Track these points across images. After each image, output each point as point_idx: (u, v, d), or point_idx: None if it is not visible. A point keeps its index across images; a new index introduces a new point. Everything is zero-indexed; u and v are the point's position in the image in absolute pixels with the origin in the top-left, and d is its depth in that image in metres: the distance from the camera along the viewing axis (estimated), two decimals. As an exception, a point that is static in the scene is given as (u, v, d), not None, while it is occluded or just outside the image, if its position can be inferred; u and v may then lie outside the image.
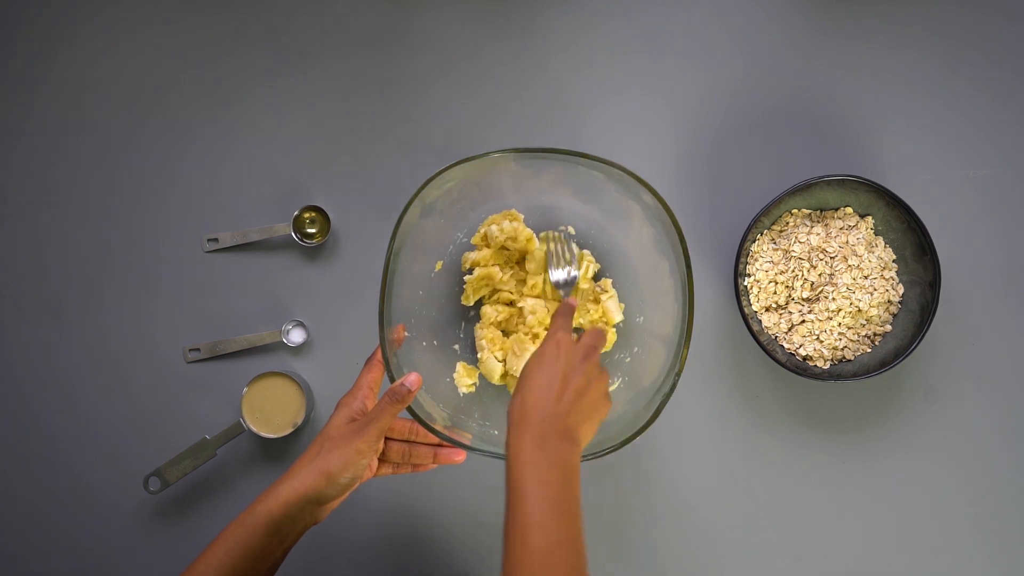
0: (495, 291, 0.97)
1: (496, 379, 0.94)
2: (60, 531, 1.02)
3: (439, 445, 0.87)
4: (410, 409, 0.82)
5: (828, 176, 0.94)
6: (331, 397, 1.01)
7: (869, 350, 0.96)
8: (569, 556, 0.65)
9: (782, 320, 0.97)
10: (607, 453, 0.85)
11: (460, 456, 0.87)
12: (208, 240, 1.03)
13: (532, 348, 0.94)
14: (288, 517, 0.76)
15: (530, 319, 0.94)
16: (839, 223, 0.97)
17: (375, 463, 0.84)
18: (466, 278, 0.95)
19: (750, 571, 0.99)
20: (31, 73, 1.05)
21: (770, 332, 0.97)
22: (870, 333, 0.96)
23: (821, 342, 0.96)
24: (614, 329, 0.96)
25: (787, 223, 0.98)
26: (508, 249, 0.96)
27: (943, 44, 1.01)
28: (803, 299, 0.96)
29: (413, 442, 0.87)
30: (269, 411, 0.98)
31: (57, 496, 1.02)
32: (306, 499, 0.77)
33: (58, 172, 1.04)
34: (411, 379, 0.81)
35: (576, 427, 0.72)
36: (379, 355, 0.84)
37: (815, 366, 0.96)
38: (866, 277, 0.95)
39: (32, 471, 1.02)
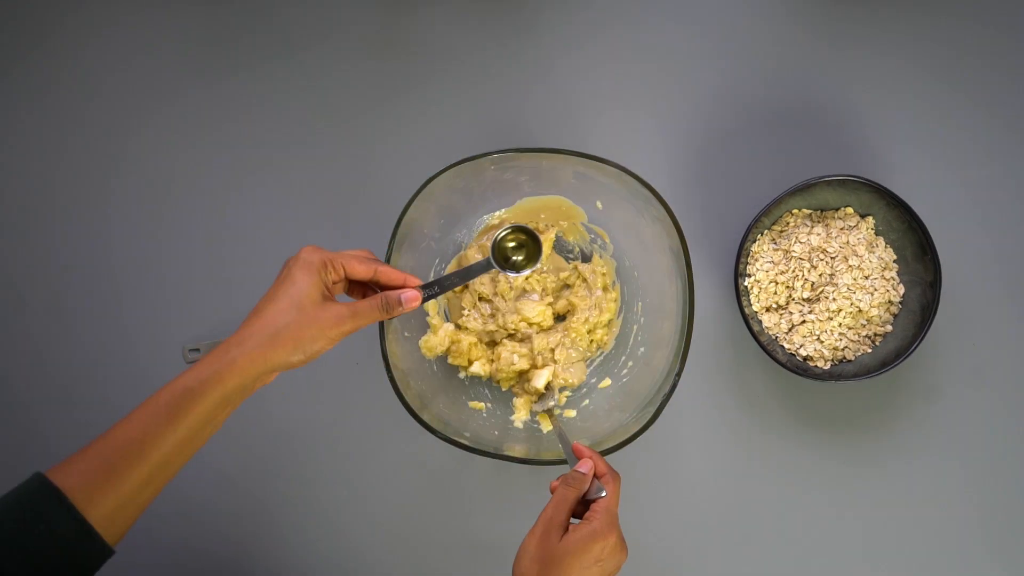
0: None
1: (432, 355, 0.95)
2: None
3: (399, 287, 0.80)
4: (398, 395, 0.82)
5: (828, 176, 0.94)
6: (331, 399, 1.01)
7: (870, 350, 0.96)
8: None
9: (782, 320, 0.97)
10: (608, 453, 0.85)
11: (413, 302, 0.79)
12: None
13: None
14: (242, 388, 0.70)
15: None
16: (839, 223, 0.97)
17: None
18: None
19: (750, 571, 0.99)
20: (29, 73, 1.05)
21: (770, 332, 0.97)
22: (871, 333, 0.96)
23: (822, 342, 0.95)
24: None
25: (787, 223, 0.98)
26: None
27: (943, 44, 1.01)
28: (803, 299, 0.96)
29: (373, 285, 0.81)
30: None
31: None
32: (266, 370, 0.70)
33: (58, 171, 1.05)
34: (409, 294, 0.78)
35: None
36: (378, 263, 0.79)
37: (815, 366, 0.96)
38: (867, 277, 0.95)
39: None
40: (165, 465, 0.67)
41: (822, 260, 0.95)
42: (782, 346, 0.97)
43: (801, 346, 0.96)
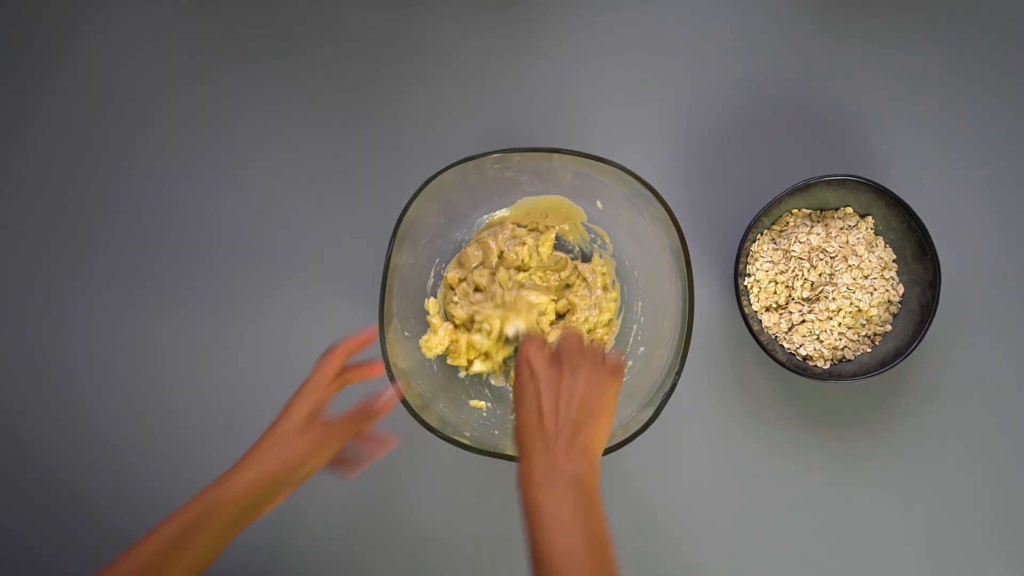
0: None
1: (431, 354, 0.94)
2: (58, 531, 1.02)
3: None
4: (409, 406, 0.83)
5: (828, 176, 0.94)
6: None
7: (869, 350, 0.96)
8: None
9: (782, 320, 0.97)
10: (608, 452, 0.85)
11: (385, 448, 0.84)
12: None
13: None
14: (250, 505, 0.73)
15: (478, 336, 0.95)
16: (839, 223, 0.97)
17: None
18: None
19: (750, 570, 0.99)
20: (31, 76, 1.05)
21: (770, 332, 0.97)
22: (870, 333, 0.96)
23: (821, 342, 0.96)
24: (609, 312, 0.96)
25: (787, 223, 0.98)
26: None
27: (943, 43, 1.02)
28: (803, 299, 0.96)
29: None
30: None
31: (56, 498, 1.02)
32: (260, 492, 0.74)
33: (60, 171, 1.05)
34: (386, 397, 0.80)
35: (579, 437, 0.69)
36: (338, 349, 0.81)
37: (815, 366, 0.96)
38: (866, 277, 0.95)
39: (31, 472, 1.02)
40: None
41: (822, 260, 0.95)
42: (782, 346, 0.97)
43: (801, 346, 0.96)
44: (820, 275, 0.95)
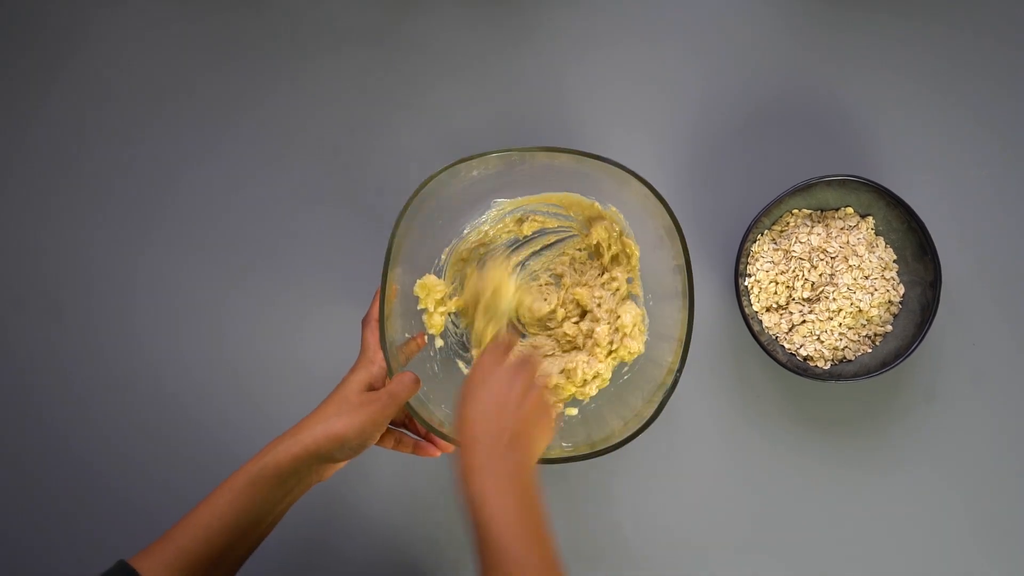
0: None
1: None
2: (58, 525, 1.02)
3: (424, 436, 0.89)
4: (408, 403, 0.83)
5: (828, 176, 0.94)
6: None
7: (870, 350, 0.96)
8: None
9: (783, 320, 0.97)
10: (608, 452, 0.85)
11: (435, 452, 0.89)
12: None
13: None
14: (295, 472, 0.76)
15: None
16: (840, 223, 0.97)
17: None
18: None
19: (749, 571, 0.99)
20: (32, 75, 1.05)
21: (771, 332, 0.97)
22: (871, 333, 0.96)
23: (822, 342, 0.95)
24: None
25: (788, 223, 0.98)
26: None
27: (942, 45, 1.02)
28: (804, 299, 0.96)
29: (404, 429, 0.90)
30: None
31: (57, 498, 1.02)
32: (315, 457, 0.76)
33: (58, 172, 1.05)
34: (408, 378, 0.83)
35: (523, 436, 0.73)
36: (374, 319, 0.85)
37: (816, 366, 0.96)
38: (867, 277, 0.95)
39: (33, 470, 1.03)
40: (231, 548, 0.74)
41: (822, 260, 0.95)
42: (782, 346, 0.97)
43: (801, 346, 0.96)
44: (820, 275, 0.95)
